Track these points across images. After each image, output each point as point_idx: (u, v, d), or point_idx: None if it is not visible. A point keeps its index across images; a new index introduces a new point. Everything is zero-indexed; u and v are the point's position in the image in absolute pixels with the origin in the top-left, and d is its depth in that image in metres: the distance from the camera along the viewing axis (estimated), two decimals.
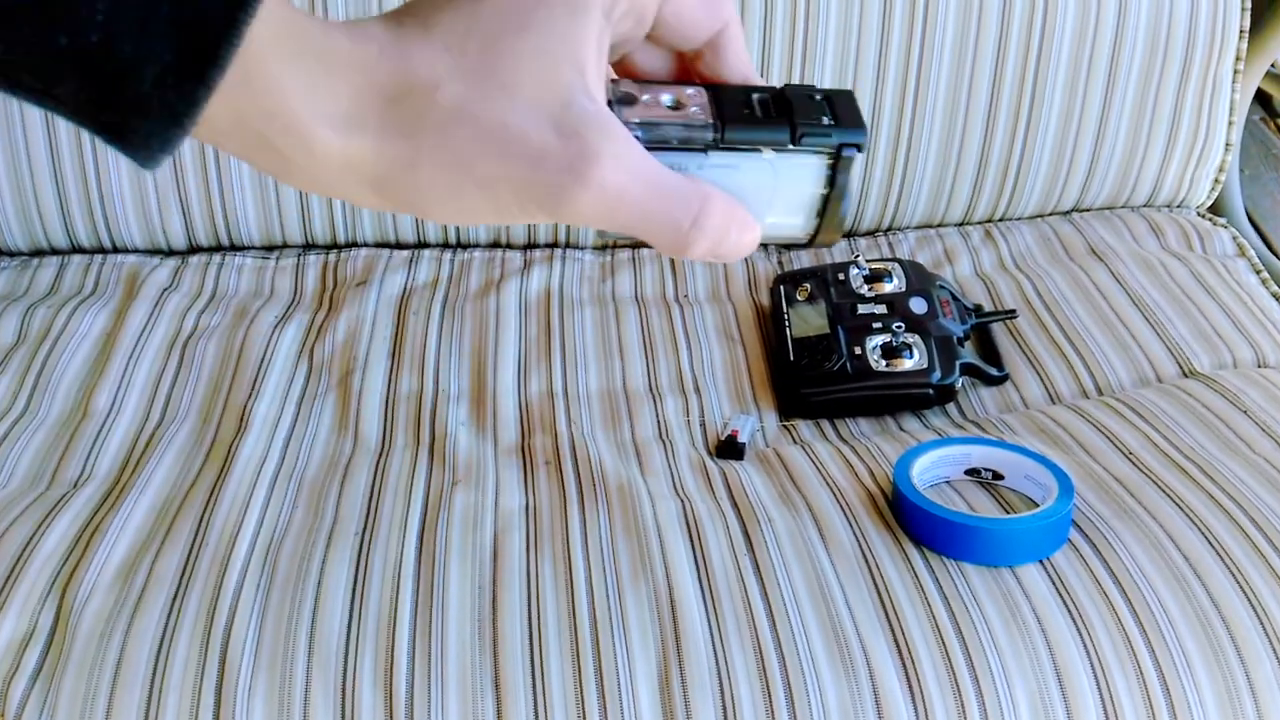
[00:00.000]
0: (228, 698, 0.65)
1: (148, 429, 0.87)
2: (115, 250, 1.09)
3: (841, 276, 0.99)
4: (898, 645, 0.67)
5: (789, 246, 0.44)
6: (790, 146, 0.38)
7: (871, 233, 1.15)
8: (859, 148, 0.38)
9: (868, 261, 1.00)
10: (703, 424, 0.89)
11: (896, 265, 0.99)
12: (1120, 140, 1.12)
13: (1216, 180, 1.17)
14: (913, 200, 1.13)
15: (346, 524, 0.76)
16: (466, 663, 0.67)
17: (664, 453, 0.85)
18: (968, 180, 1.12)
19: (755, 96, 0.40)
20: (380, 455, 0.84)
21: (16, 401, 0.89)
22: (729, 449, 0.85)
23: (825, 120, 0.38)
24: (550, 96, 0.36)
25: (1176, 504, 0.75)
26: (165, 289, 1.03)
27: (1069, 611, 0.68)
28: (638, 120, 0.37)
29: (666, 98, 0.39)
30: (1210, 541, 0.72)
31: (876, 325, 0.93)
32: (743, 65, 0.42)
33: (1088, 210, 1.16)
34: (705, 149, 0.38)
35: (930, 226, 1.15)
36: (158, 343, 0.96)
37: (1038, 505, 0.74)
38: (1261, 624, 0.68)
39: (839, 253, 1.12)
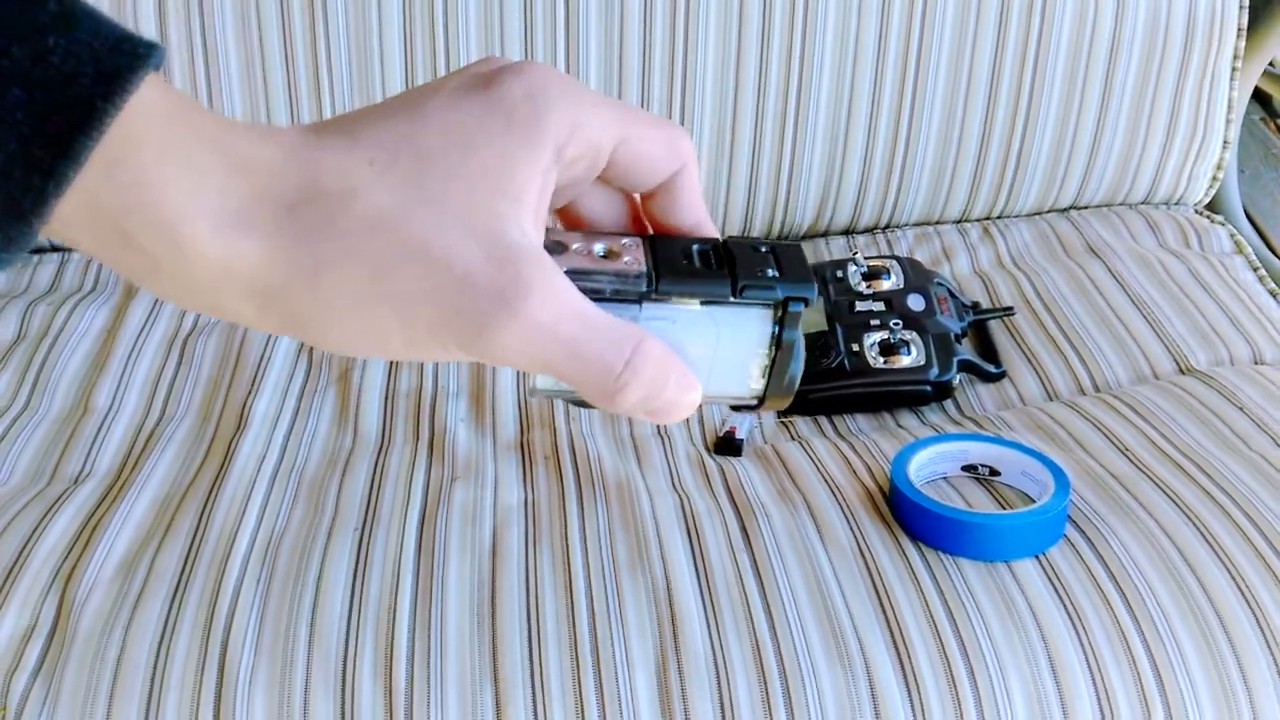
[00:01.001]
0: (228, 691, 0.66)
1: (148, 425, 0.87)
2: None
3: (839, 274, 0.99)
4: (894, 639, 0.67)
5: (736, 409, 0.42)
6: (731, 299, 0.36)
7: (869, 230, 1.15)
8: (805, 302, 0.36)
9: (865, 259, 1.00)
10: (700, 420, 0.89)
11: (894, 262, 0.99)
12: (1118, 137, 1.13)
13: (1214, 178, 1.17)
14: (910, 197, 1.13)
15: (346, 519, 0.76)
16: (465, 656, 0.67)
17: (662, 449, 0.85)
18: (966, 177, 1.13)
19: (695, 248, 0.37)
20: (380, 451, 0.84)
21: (17, 398, 0.90)
22: (727, 445, 0.85)
23: (769, 272, 0.36)
24: (482, 222, 0.32)
25: (1172, 500, 0.75)
26: None
27: (1064, 606, 0.69)
28: (567, 269, 0.35)
29: (599, 247, 0.36)
30: (1205, 537, 0.72)
31: (874, 322, 0.93)
32: (695, 210, 0.39)
33: (1085, 207, 1.16)
34: (639, 300, 0.35)
35: (928, 224, 1.16)
36: (157, 340, 0.96)
37: (1034, 501, 0.75)
38: (1256, 619, 0.68)
39: (837, 250, 1.12)
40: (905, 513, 0.74)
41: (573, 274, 0.34)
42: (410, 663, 0.67)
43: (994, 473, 0.79)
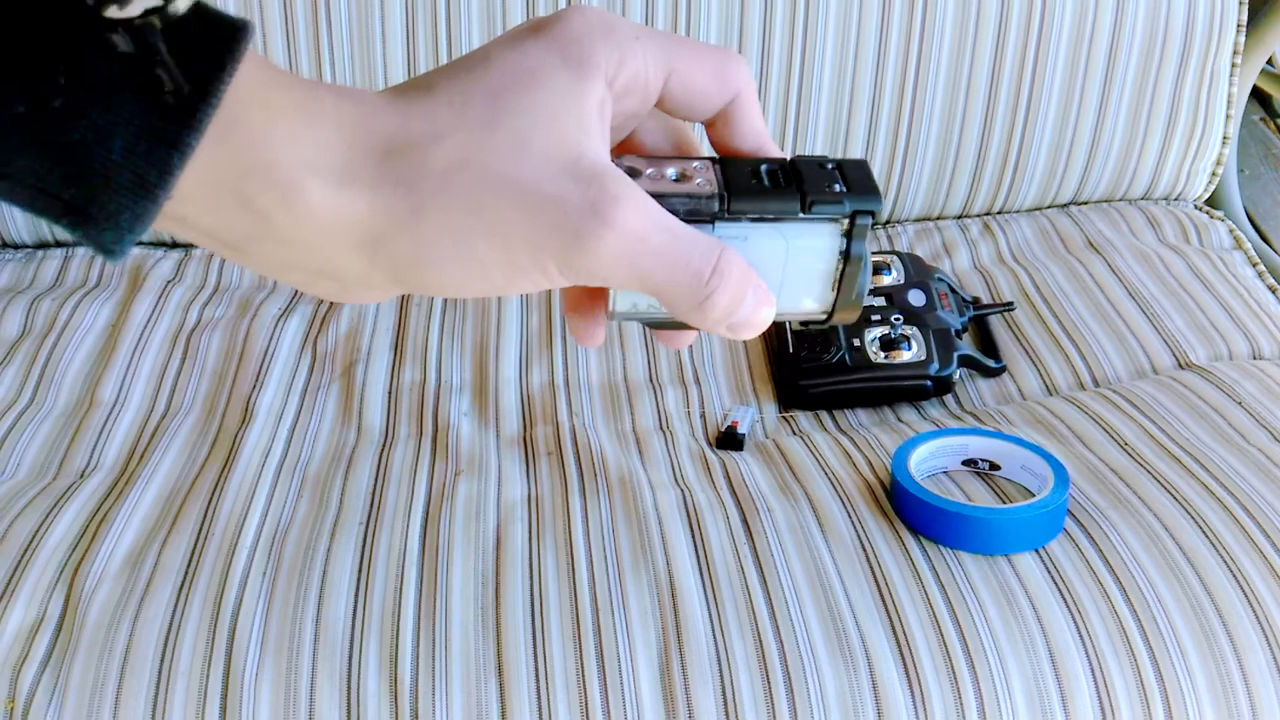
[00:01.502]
0: (234, 684, 0.66)
1: (153, 420, 0.88)
2: None
3: None
4: (895, 632, 0.68)
5: (806, 324, 0.43)
6: (800, 215, 0.37)
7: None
8: (873, 215, 0.37)
9: None
10: (703, 415, 0.90)
11: (895, 258, 1.00)
12: (1118, 133, 1.13)
13: (1214, 173, 1.18)
14: (911, 193, 1.14)
15: (351, 514, 0.77)
16: (470, 650, 0.68)
17: (664, 443, 0.86)
18: (966, 173, 1.13)
19: (764, 167, 0.38)
20: (384, 446, 0.85)
21: (23, 393, 0.90)
22: (729, 440, 0.86)
23: (837, 188, 0.37)
24: (560, 149, 0.34)
25: (1171, 494, 0.76)
26: (169, 281, 1.04)
27: (1064, 600, 0.69)
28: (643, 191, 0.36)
29: (671, 170, 0.38)
30: (1204, 531, 0.73)
31: (875, 317, 0.94)
32: (756, 136, 0.40)
33: (1085, 203, 1.17)
34: (712, 220, 0.37)
35: (929, 219, 1.16)
36: (162, 335, 0.97)
37: (1034, 495, 0.75)
38: (1254, 612, 0.69)
39: None
40: (906, 507, 0.75)
41: (649, 195, 0.36)
42: (415, 656, 0.67)
43: (994, 467, 0.80)
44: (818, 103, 1.08)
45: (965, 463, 0.80)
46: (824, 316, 0.39)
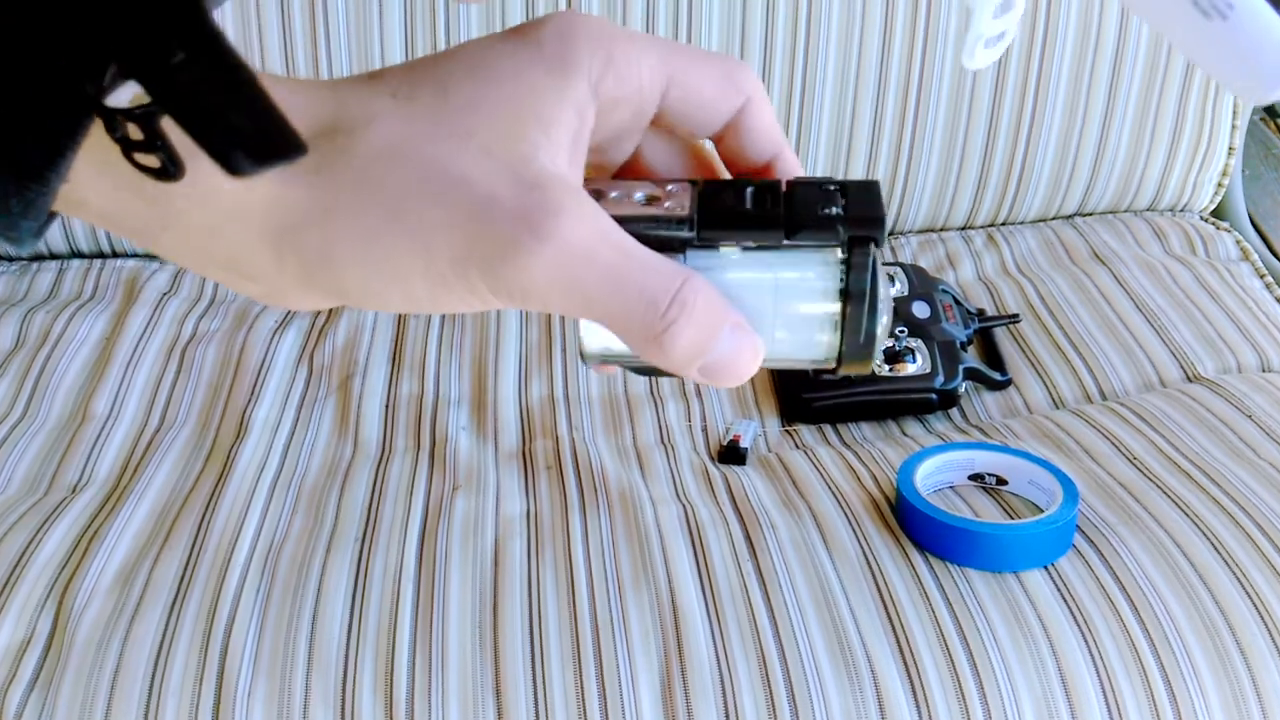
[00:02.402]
0: (227, 704, 0.65)
1: (147, 433, 0.87)
2: (114, 255, 1.09)
3: None
4: (901, 651, 0.67)
5: (818, 373, 0.35)
6: (785, 242, 0.32)
7: None
8: (875, 242, 0.31)
9: None
10: (704, 429, 0.89)
11: (899, 269, 0.99)
12: (1123, 144, 1.12)
13: (1220, 184, 1.17)
14: (915, 204, 1.13)
15: (346, 529, 0.76)
16: (467, 669, 0.66)
17: (666, 458, 0.85)
18: (970, 184, 1.12)
19: (750, 189, 0.33)
20: (380, 460, 0.84)
21: (15, 406, 0.89)
22: (731, 454, 0.85)
23: (832, 210, 0.32)
24: (508, 148, 0.30)
25: (1182, 509, 0.74)
26: (164, 294, 1.03)
27: (1074, 618, 0.68)
28: (609, 215, 0.31)
29: (640, 194, 0.33)
30: (1216, 547, 0.72)
31: None
32: (772, 143, 0.35)
33: (1091, 214, 1.16)
34: (682, 248, 0.32)
35: (933, 231, 1.15)
36: (157, 347, 0.96)
37: (1042, 511, 0.74)
38: (1268, 629, 0.67)
39: None
40: (912, 522, 0.74)
41: (615, 219, 0.31)
42: (411, 676, 0.66)
43: (1001, 482, 0.78)
44: (820, 114, 1.07)
45: (972, 477, 0.79)
46: (830, 364, 0.33)
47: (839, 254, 0.32)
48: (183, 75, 0.24)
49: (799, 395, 0.90)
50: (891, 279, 0.98)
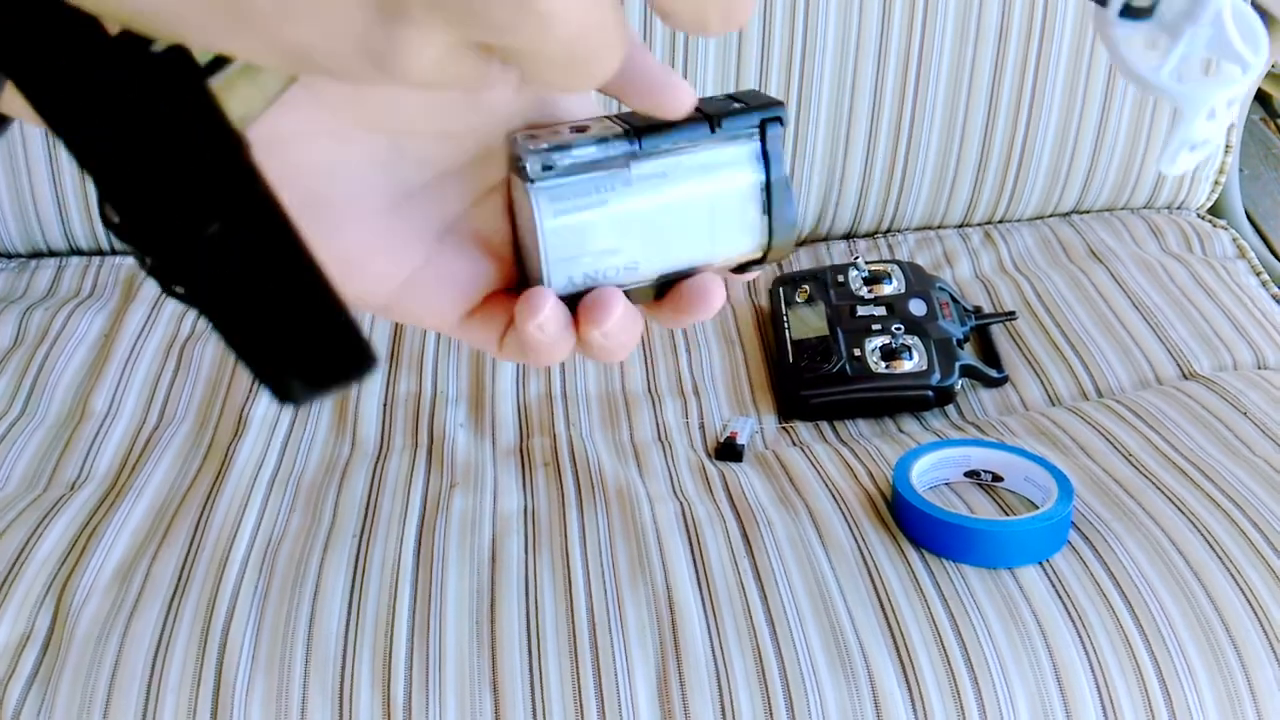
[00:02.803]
0: (225, 699, 0.65)
1: (145, 431, 0.87)
2: (113, 252, 1.09)
3: (841, 278, 0.98)
4: (897, 647, 0.67)
5: (742, 268, 0.39)
6: (712, 135, 0.36)
7: (871, 234, 1.15)
8: (780, 121, 0.36)
9: (867, 263, 1.00)
10: (701, 426, 0.89)
11: (896, 267, 0.99)
12: (1120, 142, 1.12)
13: (1216, 182, 1.17)
14: (912, 202, 1.13)
15: (344, 526, 0.76)
16: (464, 665, 0.67)
17: (663, 455, 0.85)
18: (967, 182, 1.12)
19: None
20: (378, 457, 0.84)
21: (14, 403, 0.89)
22: (728, 451, 0.85)
23: (738, 105, 0.36)
24: None
25: (1176, 506, 0.75)
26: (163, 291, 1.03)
27: (1069, 613, 0.68)
28: (547, 145, 0.33)
29: (567, 129, 0.35)
30: (1210, 543, 0.72)
31: (876, 327, 0.93)
32: (661, 76, 0.34)
33: (1087, 212, 1.16)
34: (627, 162, 0.35)
35: (930, 228, 1.15)
36: (155, 344, 0.96)
37: (1037, 507, 0.74)
38: (1262, 626, 0.68)
39: (838, 254, 1.12)
40: (908, 519, 0.74)
41: (554, 149, 0.33)
42: (409, 672, 0.66)
43: (997, 478, 0.79)
44: (817, 111, 1.08)
45: (967, 474, 0.79)
46: (761, 254, 0.37)
47: (756, 143, 0.36)
48: (218, 255, 0.19)
49: (796, 392, 0.90)
50: (889, 276, 0.98)
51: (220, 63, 0.24)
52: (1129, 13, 0.32)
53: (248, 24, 0.22)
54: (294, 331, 0.20)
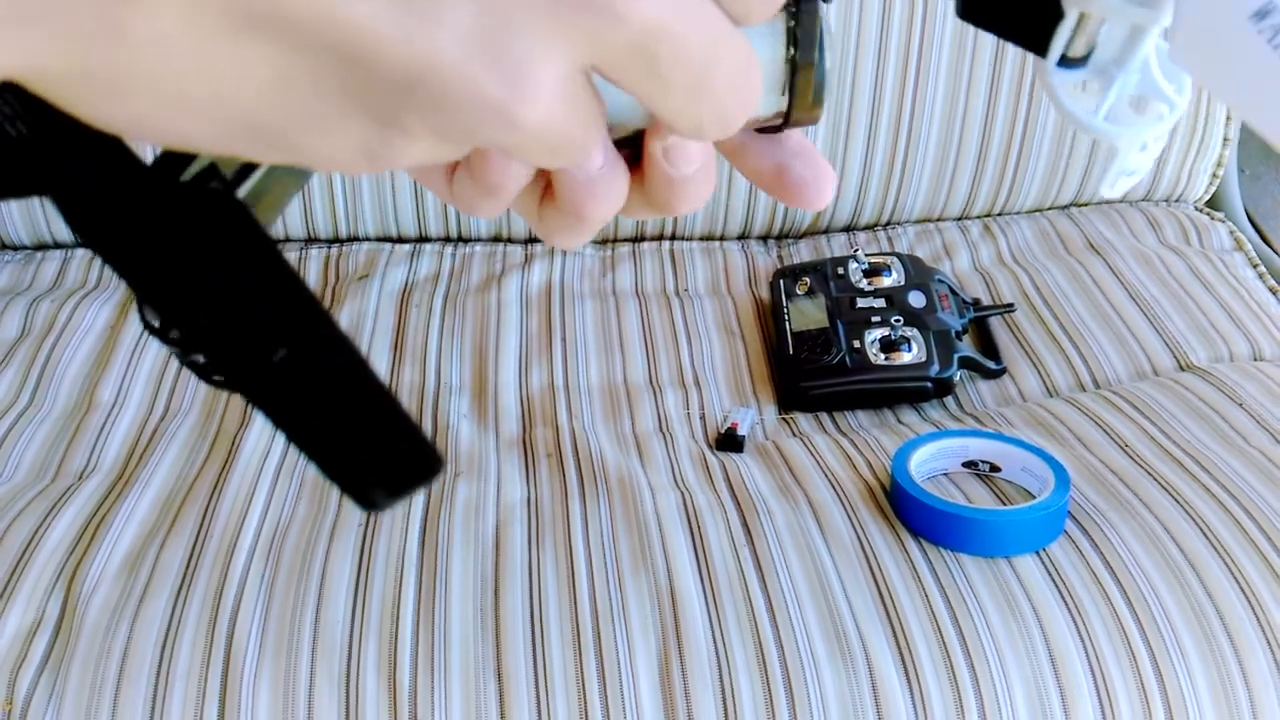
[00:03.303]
0: (233, 687, 0.66)
1: (152, 421, 0.88)
2: None
3: (840, 270, 0.99)
4: (895, 635, 0.68)
5: (765, 129, 0.36)
6: None
7: (870, 227, 1.16)
8: None
9: (867, 255, 1.00)
10: (703, 417, 0.90)
11: (895, 259, 1.00)
12: None
13: (1214, 175, 1.18)
14: (912, 194, 1.13)
15: (350, 515, 0.77)
16: (469, 653, 0.68)
17: (664, 445, 0.86)
18: (967, 175, 1.13)
19: None
20: None
21: (21, 395, 0.90)
22: (729, 442, 0.86)
23: None
24: None
25: (1172, 496, 0.76)
26: None
27: (1065, 602, 0.69)
28: None
29: None
30: (1205, 533, 0.73)
31: (875, 319, 0.94)
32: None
33: (1086, 204, 1.17)
34: None
35: (929, 221, 1.16)
36: None
37: (1034, 497, 0.75)
38: (1255, 614, 0.69)
39: (838, 247, 1.12)
40: (906, 508, 0.75)
41: None
42: (414, 659, 0.67)
43: (994, 469, 0.80)
44: None
45: (966, 464, 0.80)
46: (779, 119, 0.33)
47: (789, 15, 0.32)
48: (289, 380, 0.19)
49: (796, 384, 0.91)
50: (888, 268, 0.99)
51: (246, 170, 0.25)
52: (1065, 62, 0.33)
53: (262, 139, 0.24)
54: (371, 446, 0.21)
